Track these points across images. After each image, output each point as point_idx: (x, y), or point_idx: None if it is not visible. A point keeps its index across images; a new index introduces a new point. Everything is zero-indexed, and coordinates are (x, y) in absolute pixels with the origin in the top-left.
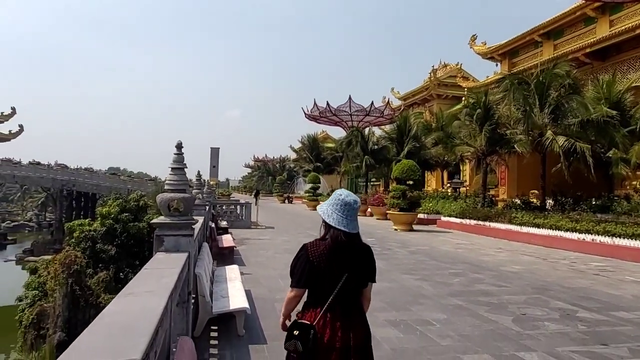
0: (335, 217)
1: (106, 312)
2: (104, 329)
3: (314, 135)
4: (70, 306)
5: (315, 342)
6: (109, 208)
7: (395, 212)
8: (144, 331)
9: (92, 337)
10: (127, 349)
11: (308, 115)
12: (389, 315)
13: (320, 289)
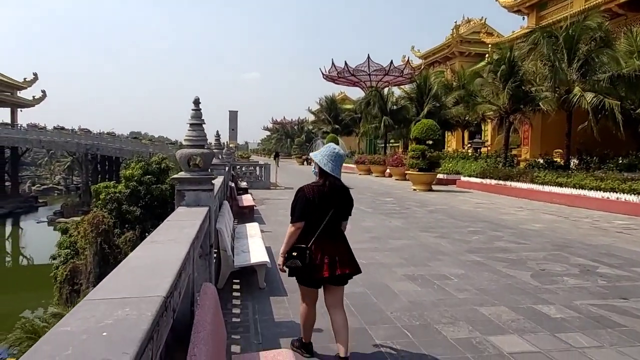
0: (330, 166)
1: (131, 256)
2: (130, 271)
3: (332, 97)
4: (100, 263)
5: (310, 259)
6: (132, 171)
7: (414, 172)
8: (167, 273)
9: (118, 278)
10: (152, 287)
11: (326, 75)
12: (407, 270)
13: (313, 221)
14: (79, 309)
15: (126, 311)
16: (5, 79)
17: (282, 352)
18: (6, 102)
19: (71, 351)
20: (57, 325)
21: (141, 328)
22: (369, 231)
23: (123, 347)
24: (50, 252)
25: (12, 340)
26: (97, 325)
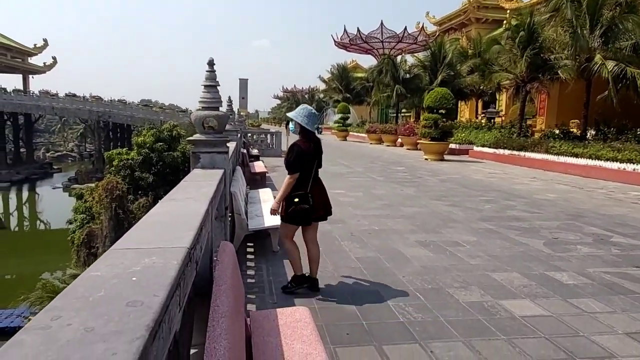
0: (311, 125)
1: (152, 212)
2: (152, 225)
3: (343, 65)
4: (115, 227)
5: (313, 201)
6: (144, 138)
7: (426, 142)
8: (189, 226)
9: (141, 232)
10: (175, 239)
11: (338, 42)
12: (419, 236)
13: (305, 171)
14: (107, 257)
15: (153, 260)
16: (15, 44)
17: (298, 309)
18: (18, 69)
19: (104, 293)
20: (87, 270)
21: (169, 275)
22: (381, 199)
23: (153, 291)
24: (66, 217)
25: (34, 299)
26: (126, 271)
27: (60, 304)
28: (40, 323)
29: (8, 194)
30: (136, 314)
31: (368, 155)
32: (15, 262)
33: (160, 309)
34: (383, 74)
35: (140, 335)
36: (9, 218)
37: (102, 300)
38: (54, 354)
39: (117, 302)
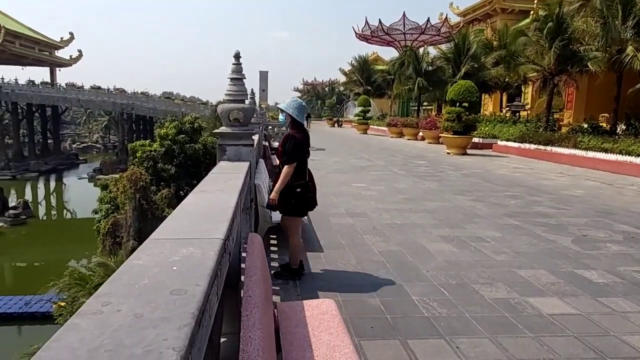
0: (301, 116)
1: (185, 203)
2: (186, 216)
3: (364, 57)
4: (139, 218)
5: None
6: (166, 130)
7: (449, 136)
8: (222, 218)
9: (177, 222)
10: (210, 230)
11: (359, 35)
12: (442, 231)
13: (302, 161)
14: (147, 246)
15: (190, 250)
16: (43, 38)
17: (325, 302)
18: (45, 62)
19: (147, 281)
20: (130, 259)
21: (208, 265)
22: (402, 193)
23: (194, 280)
24: (91, 207)
25: (62, 286)
26: (166, 260)
27: (108, 290)
28: (93, 308)
29: (37, 183)
30: (181, 302)
31: (389, 149)
32: (44, 249)
33: (203, 297)
34: (405, 66)
35: (187, 323)
36: (38, 207)
37: (147, 288)
38: (108, 338)
39: (162, 290)
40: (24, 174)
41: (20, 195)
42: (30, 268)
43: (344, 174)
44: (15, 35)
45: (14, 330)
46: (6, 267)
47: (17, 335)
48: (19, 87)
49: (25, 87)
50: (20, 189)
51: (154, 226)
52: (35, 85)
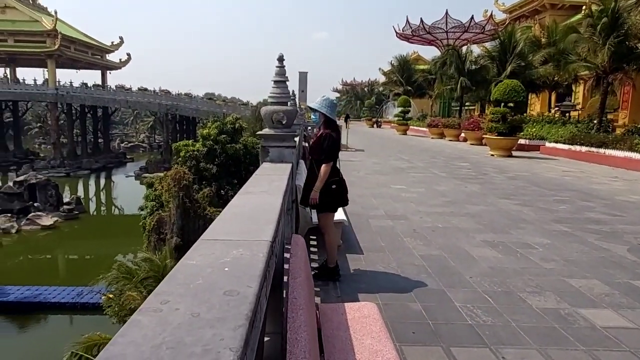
0: (334, 115)
1: (232, 204)
2: (234, 217)
3: (405, 57)
4: (182, 216)
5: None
6: (208, 130)
7: (493, 137)
8: (268, 220)
9: (225, 224)
10: (257, 232)
11: (400, 34)
12: (486, 236)
13: (336, 158)
14: (198, 247)
15: (240, 251)
16: (96, 42)
17: (366, 305)
18: (97, 65)
19: (202, 281)
20: (184, 258)
21: (258, 267)
22: (444, 195)
23: (246, 282)
24: (137, 204)
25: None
26: (218, 261)
27: (166, 288)
28: (153, 306)
29: (88, 180)
30: (235, 303)
31: (429, 150)
32: (94, 243)
33: (255, 299)
34: (447, 65)
35: (241, 324)
36: (89, 203)
37: (201, 287)
38: (169, 336)
39: (216, 291)
40: (77, 172)
41: (74, 191)
42: (82, 260)
43: (383, 176)
44: (70, 40)
45: (67, 319)
46: (60, 259)
47: (69, 324)
48: (74, 90)
49: (79, 90)
50: (73, 185)
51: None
52: (88, 88)
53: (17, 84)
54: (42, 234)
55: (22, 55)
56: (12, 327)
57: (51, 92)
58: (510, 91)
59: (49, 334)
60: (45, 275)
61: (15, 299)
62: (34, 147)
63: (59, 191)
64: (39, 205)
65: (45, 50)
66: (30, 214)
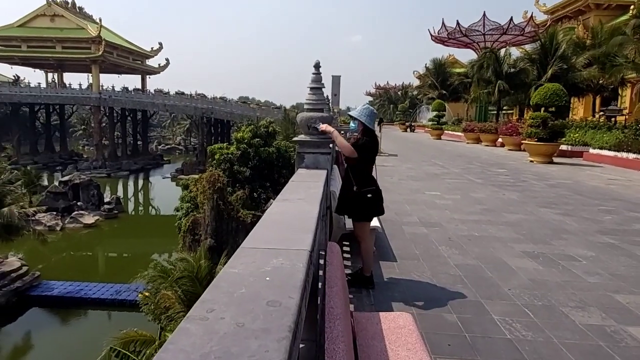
0: (372, 124)
1: (270, 212)
2: (272, 225)
3: (440, 60)
4: (216, 217)
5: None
6: (242, 133)
7: (533, 143)
8: (306, 228)
9: (264, 231)
10: (296, 241)
11: (435, 37)
12: (526, 246)
13: (370, 166)
14: (240, 255)
15: (280, 260)
16: (136, 48)
17: (402, 315)
18: (137, 70)
19: (245, 290)
20: (226, 266)
21: (299, 277)
22: (480, 203)
23: (287, 292)
24: (173, 204)
25: (148, 278)
26: (259, 270)
27: (211, 297)
28: (199, 314)
29: (127, 181)
30: (278, 314)
31: (465, 155)
32: (132, 242)
33: (297, 310)
34: (484, 68)
35: (285, 336)
36: (128, 203)
37: (245, 297)
38: (216, 345)
39: (259, 301)
40: (117, 172)
41: (114, 191)
42: (120, 258)
43: (417, 181)
44: (113, 46)
45: (105, 314)
46: (100, 256)
47: (108, 320)
48: (115, 94)
49: (120, 94)
50: (113, 186)
51: (229, 226)
52: (129, 92)
53: (64, 89)
54: (84, 231)
55: (69, 61)
56: (55, 320)
57: (95, 96)
58: (552, 95)
59: (89, 329)
60: (86, 272)
61: (58, 294)
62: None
63: (100, 191)
64: (82, 204)
65: (90, 56)
66: (74, 212)
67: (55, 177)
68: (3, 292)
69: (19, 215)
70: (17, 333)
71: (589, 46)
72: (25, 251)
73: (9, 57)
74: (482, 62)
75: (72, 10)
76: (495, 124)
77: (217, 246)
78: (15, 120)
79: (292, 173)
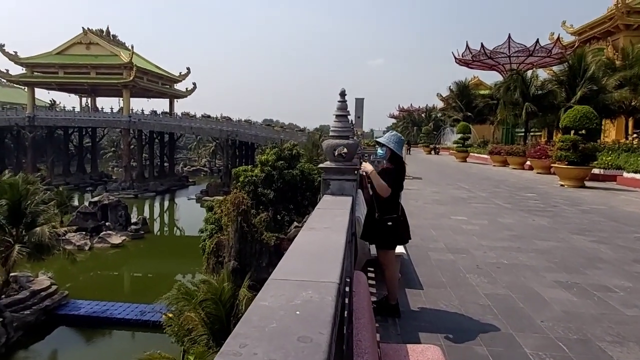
0: (400, 150)
1: (297, 242)
2: (300, 255)
3: (464, 82)
4: (240, 240)
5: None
6: (267, 156)
7: (563, 166)
8: (334, 259)
9: (291, 262)
10: (324, 273)
11: (459, 60)
12: (558, 276)
13: (397, 194)
14: (269, 287)
15: (309, 293)
16: (165, 73)
17: (430, 348)
18: (166, 94)
19: (275, 324)
20: (256, 299)
21: (328, 312)
22: (509, 229)
23: (317, 327)
24: (197, 226)
25: (172, 299)
26: (288, 303)
27: (243, 331)
28: (232, 349)
29: (153, 202)
30: (309, 351)
31: (492, 179)
32: (156, 262)
33: (328, 347)
34: (510, 90)
35: None
36: (154, 223)
37: (275, 332)
38: None
39: (289, 336)
40: (144, 193)
41: (140, 212)
42: (145, 278)
43: (442, 206)
44: (143, 71)
45: (129, 335)
46: (126, 276)
47: (132, 340)
48: (144, 117)
49: (149, 117)
50: (140, 206)
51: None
52: (157, 115)
53: (97, 112)
54: (111, 251)
55: (102, 86)
56: (81, 339)
57: (125, 119)
58: (582, 118)
59: (114, 349)
60: (112, 291)
61: (85, 313)
62: (108, 170)
63: (127, 212)
64: (110, 224)
65: (121, 81)
66: (102, 232)
67: (86, 197)
68: (33, 310)
69: (50, 234)
70: (45, 352)
71: (620, 67)
72: (55, 270)
73: (47, 83)
74: (508, 84)
75: (106, 38)
76: (523, 147)
77: (240, 268)
78: (50, 142)
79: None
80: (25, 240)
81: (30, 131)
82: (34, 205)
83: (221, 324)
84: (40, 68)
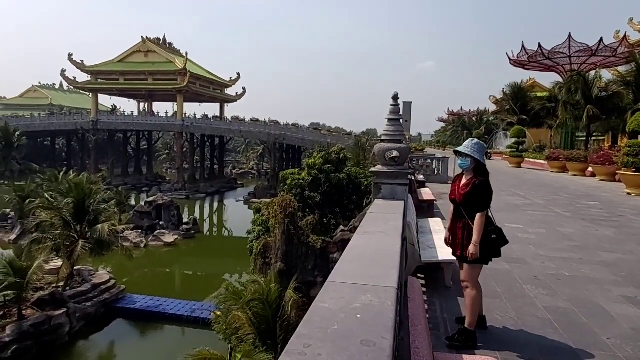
0: (484, 159)
1: (352, 245)
2: (356, 259)
3: (519, 84)
4: (287, 242)
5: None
6: (314, 159)
7: (629, 173)
8: (391, 264)
9: (349, 266)
10: (381, 277)
11: (514, 61)
12: (626, 290)
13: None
14: (328, 290)
15: (368, 297)
16: (217, 79)
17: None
18: (217, 98)
19: (337, 327)
20: (316, 301)
21: (389, 316)
22: (570, 239)
23: (379, 332)
24: (245, 227)
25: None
26: (348, 306)
27: (306, 332)
28: (297, 348)
29: (204, 203)
30: (373, 355)
31: (549, 186)
32: (206, 261)
33: (391, 352)
34: (571, 92)
35: None
36: (204, 224)
37: (338, 334)
38: None
39: (352, 339)
40: (195, 195)
41: (191, 212)
42: (195, 276)
43: (496, 213)
44: (196, 77)
45: (180, 330)
46: (177, 274)
47: (182, 336)
48: (196, 121)
49: (201, 121)
50: (191, 207)
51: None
52: (208, 119)
53: (153, 117)
54: (164, 249)
55: (158, 91)
56: (136, 332)
57: (178, 123)
58: None
59: (166, 343)
60: (165, 287)
61: (140, 307)
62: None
63: (179, 212)
64: (163, 223)
65: (176, 86)
66: (156, 231)
67: (142, 197)
68: (93, 302)
69: (109, 231)
70: (103, 343)
71: None
72: (113, 265)
73: (109, 89)
74: (569, 86)
75: (163, 46)
76: (585, 152)
77: (286, 270)
78: (111, 145)
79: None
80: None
81: (93, 134)
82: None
83: (267, 324)
84: (103, 75)
